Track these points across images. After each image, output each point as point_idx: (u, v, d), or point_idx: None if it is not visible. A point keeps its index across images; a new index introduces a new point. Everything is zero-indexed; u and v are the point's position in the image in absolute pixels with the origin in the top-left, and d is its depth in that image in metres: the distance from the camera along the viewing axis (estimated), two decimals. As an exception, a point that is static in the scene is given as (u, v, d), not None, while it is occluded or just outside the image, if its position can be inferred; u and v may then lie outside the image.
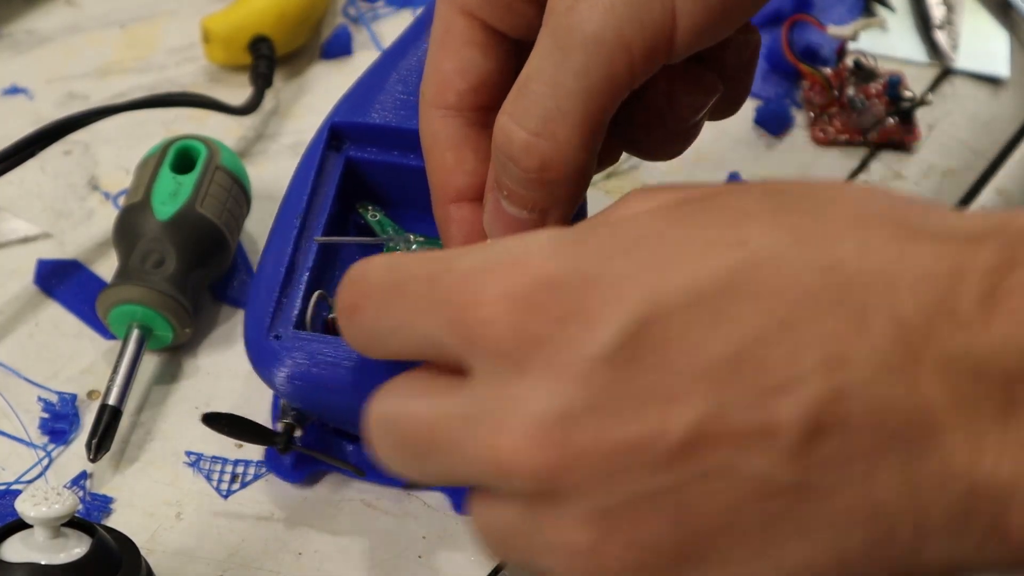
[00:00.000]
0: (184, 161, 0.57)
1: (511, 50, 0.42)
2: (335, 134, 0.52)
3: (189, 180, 0.55)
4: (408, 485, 0.50)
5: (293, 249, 0.49)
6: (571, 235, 0.34)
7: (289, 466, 0.50)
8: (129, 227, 0.55)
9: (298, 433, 0.48)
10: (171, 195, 0.55)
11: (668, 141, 0.44)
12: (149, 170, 0.56)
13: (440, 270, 0.34)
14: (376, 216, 0.53)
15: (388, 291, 0.36)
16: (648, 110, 0.43)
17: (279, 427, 0.48)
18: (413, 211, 0.53)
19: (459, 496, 0.50)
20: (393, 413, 0.36)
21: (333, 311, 0.49)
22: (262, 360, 0.47)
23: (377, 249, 0.52)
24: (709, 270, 0.32)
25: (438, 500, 0.50)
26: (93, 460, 0.50)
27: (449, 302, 0.34)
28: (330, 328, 0.49)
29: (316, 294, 0.48)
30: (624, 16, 0.38)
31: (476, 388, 0.34)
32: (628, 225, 0.34)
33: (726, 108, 0.46)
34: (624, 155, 0.62)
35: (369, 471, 0.50)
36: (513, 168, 0.40)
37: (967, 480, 0.30)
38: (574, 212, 0.42)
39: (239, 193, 0.57)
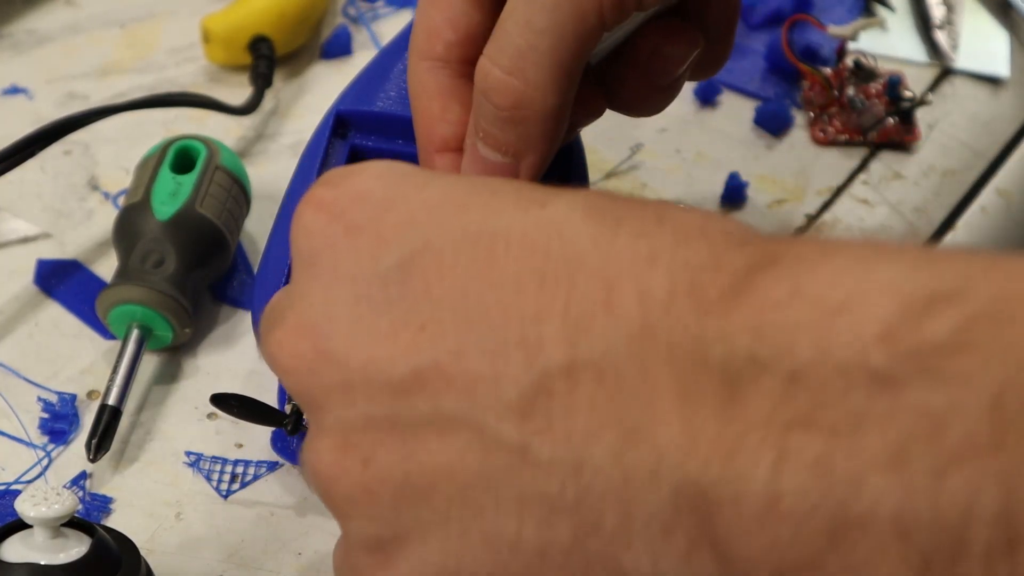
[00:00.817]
0: (184, 161, 0.57)
1: (498, 2, 0.43)
2: (340, 122, 0.53)
3: (189, 180, 0.55)
4: None
5: None
6: (412, 170, 0.35)
7: (296, 449, 0.50)
8: (129, 227, 0.55)
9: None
10: (171, 195, 0.55)
11: (651, 96, 0.45)
12: (149, 170, 0.56)
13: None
14: None
15: None
16: (632, 64, 0.43)
17: (287, 409, 0.48)
18: None
19: None
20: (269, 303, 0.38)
21: None
22: None
23: None
24: (499, 218, 0.32)
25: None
26: (93, 460, 0.50)
27: (297, 207, 0.36)
28: None
29: None
30: None
31: (289, 286, 0.36)
32: (473, 177, 0.36)
33: (708, 67, 0.46)
34: (625, 155, 0.62)
35: None
36: (487, 106, 0.41)
37: (675, 478, 0.28)
38: (548, 160, 0.43)
39: (239, 193, 0.57)
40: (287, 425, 0.48)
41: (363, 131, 0.53)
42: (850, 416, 0.26)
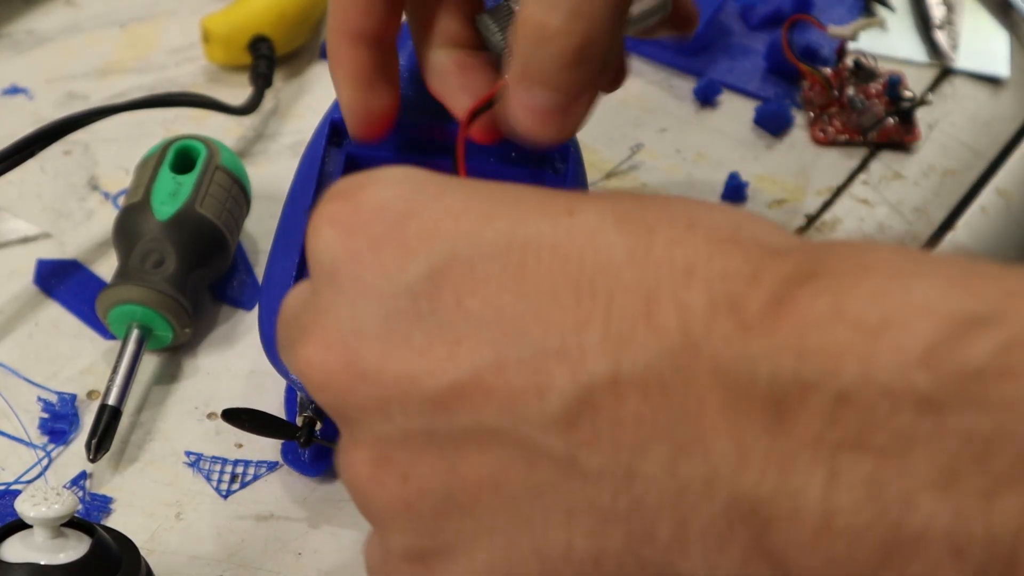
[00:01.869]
0: (184, 161, 0.57)
1: None
2: (335, 130, 0.52)
3: (189, 180, 0.55)
4: None
5: (303, 244, 0.49)
6: (426, 176, 0.35)
7: (308, 460, 0.50)
8: (129, 227, 0.55)
9: (318, 426, 0.48)
10: (171, 195, 0.55)
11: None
12: (149, 170, 0.56)
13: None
14: None
15: None
16: None
17: (299, 421, 0.48)
18: None
19: None
20: (283, 303, 0.38)
21: None
22: (277, 357, 0.47)
23: None
24: (527, 227, 0.32)
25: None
26: (93, 460, 0.50)
27: (312, 221, 0.36)
28: None
29: None
30: None
31: (310, 297, 0.35)
32: (491, 182, 0.35)
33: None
34: (625, 155, 0.62)
35: None
36: (550, 50, 0.41)
37: (729, 490, 0.28)
38: (597, 97, 0.44)
39: (239, 193, 0.57)
40: (299, 438, 0.48)
41: None
42: (898, 438, 0.27)
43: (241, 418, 0.48)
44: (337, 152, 0.52)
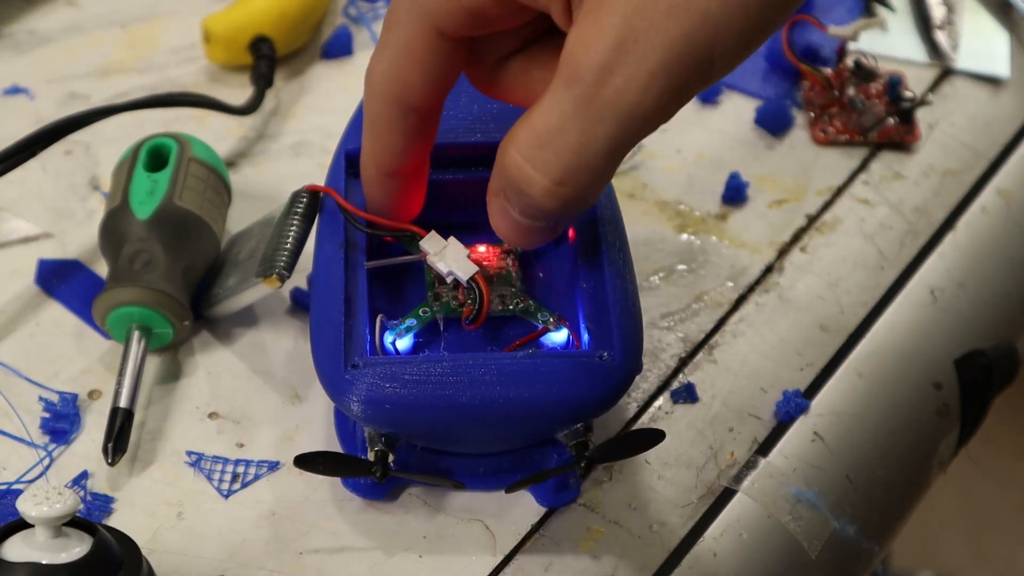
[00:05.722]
0: (157, 159, 0.57)
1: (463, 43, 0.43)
2: (351, 162, 0.52)
3: (164, 176, 0.55)
4: (509, 489, 0.49)
5: (345, 278, 0.49)
6: None
7: (369, 484, 0.49)
8: (113, 231, 0.55)
9: (391, 459, 0.48)
10: (148, 193, 0.55)
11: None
12: (124, 173, 0.56)
13: None
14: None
15: None
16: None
17: (371, 456, 0.48)
18: (438, 224, 0.52)
19: (544, 491, 0.50)
20: None
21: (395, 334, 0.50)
22: (343, 392, 0.46)
23: (419, 266, 0.51)
24: None
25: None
26: (111, 464, 0.50)
27: None
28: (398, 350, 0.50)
29: (378, 319, 0.48)
30: (665, 87, 0.37)
31: None
32: None
33: None
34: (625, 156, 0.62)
35: (469, 481, 0.50)
36: (530, 202, 0.40)
37: None
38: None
39: (217, 182, 0.57)
40: (375, 473, 0.47)
41: None
42: None
43: (316, 462, 0.48)
44: (357, 183, 0.52)
